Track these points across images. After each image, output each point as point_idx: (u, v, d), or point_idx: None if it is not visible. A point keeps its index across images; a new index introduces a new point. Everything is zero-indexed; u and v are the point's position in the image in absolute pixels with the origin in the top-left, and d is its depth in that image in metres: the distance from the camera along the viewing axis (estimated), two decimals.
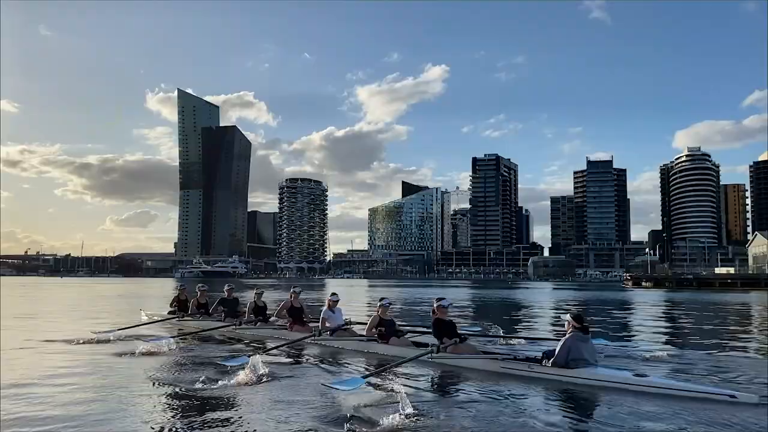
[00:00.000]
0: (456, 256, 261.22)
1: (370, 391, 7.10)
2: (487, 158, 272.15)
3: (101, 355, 10.04)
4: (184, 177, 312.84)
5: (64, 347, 11.07)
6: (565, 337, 7.67)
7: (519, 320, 20.72)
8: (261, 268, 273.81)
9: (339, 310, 11.52)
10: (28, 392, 7.04)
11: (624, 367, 8.25)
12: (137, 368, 8.72)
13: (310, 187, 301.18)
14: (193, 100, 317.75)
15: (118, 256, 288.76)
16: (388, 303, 10.47)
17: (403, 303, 31.52)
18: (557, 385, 7.30)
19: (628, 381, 7.02)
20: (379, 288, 66.39)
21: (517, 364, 8.03)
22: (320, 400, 6.61)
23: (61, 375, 8.24)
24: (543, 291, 62.04)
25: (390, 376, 8.04)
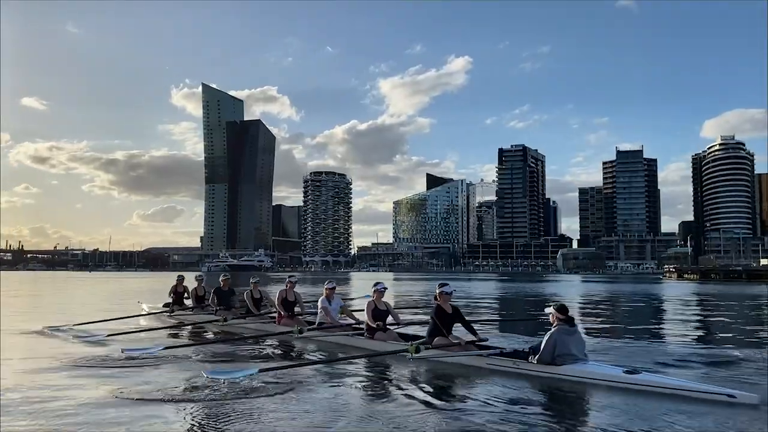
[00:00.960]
0: (483, 248, 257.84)
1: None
2: (513, 149, 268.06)
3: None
4: (209, 171, 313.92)
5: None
6: (550, 331, 7.19)
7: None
8: (286, 262, 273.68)
9: (337, 299, 11.16)
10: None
11: (616, 362, 7.79)
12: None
13: (335, 180, 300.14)
14: (217, 94, 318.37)
15: (145, 251, 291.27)
16: (383, 288, 9.73)
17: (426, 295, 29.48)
18: (543, 382, 6.88)
19: (619, 378, 6.59)
20: (405, 281, 64.31)
21: (503, 360, 7.61)
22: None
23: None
24: (574, 284, 59.31)
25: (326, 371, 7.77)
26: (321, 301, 10.95)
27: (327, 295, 10.96)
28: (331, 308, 10.87)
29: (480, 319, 14.27)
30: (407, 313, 14.32)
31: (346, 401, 6.28)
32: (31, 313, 19.21)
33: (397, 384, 7.24)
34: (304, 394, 6.51)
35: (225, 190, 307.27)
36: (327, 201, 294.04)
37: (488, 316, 17.96)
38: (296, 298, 12.01)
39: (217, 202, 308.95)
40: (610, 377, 6.67)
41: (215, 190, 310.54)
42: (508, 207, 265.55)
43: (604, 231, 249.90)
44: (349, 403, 6.21)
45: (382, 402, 6.30)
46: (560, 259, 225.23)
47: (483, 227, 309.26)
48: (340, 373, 7.81)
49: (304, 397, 6.40)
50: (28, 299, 29.04)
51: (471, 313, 15.25)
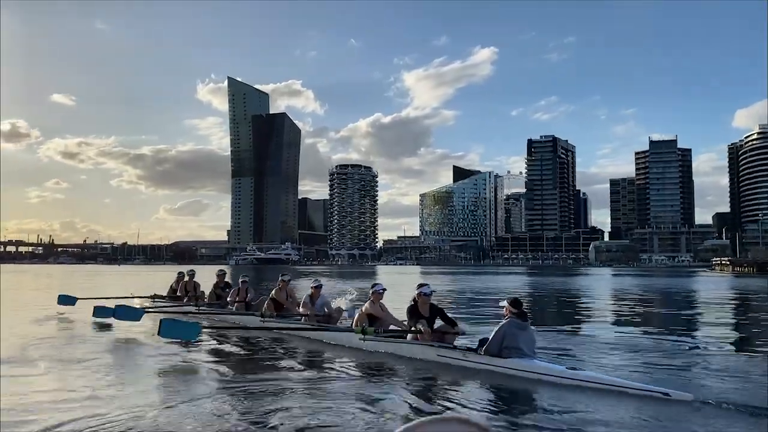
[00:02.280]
0: (512, 241, 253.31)
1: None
2: (543, 140, 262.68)
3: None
4: (235, 165, 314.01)
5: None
6: (501, 324, 7.16)
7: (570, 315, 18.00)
8: (312, 255, 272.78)
9: (323, 298, 10.82)
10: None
11: (562, 359, 7.98)
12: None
13: (361, 173, 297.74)
14: (243, 87, 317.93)
15: (173, 244, 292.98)
16: (382, 289, 9.18)
17: (458, 293, 27.17)
18: (488, 376, 6.92)
19: (561, 374, 6.63)
20: (434, 275, 61.44)
21: (453, 352, 7.59)
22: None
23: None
24: (613, 279, 56.16)
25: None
26: (305, 298, 10.74)
27: (312, 294, 10.64)
28: (314, 308, 10.55)
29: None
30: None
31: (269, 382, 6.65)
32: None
33: (330, 368, 7.34)
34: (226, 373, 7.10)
35: (251, 183, 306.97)
36: (353, 194, 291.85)
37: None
38: (288, 297, 11.79)
39: (243, 196, 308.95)
40: (552, 372, 6.65)
41: (241, 183, 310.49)
42: (538, 199, 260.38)
43: (636, 223, 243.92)
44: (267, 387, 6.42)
45: (303, 385, 6.61)
46: (592, 251, 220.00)
47: (511, 220, 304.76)
48: (279, 350, 8.14)
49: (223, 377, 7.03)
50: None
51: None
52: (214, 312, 12.99)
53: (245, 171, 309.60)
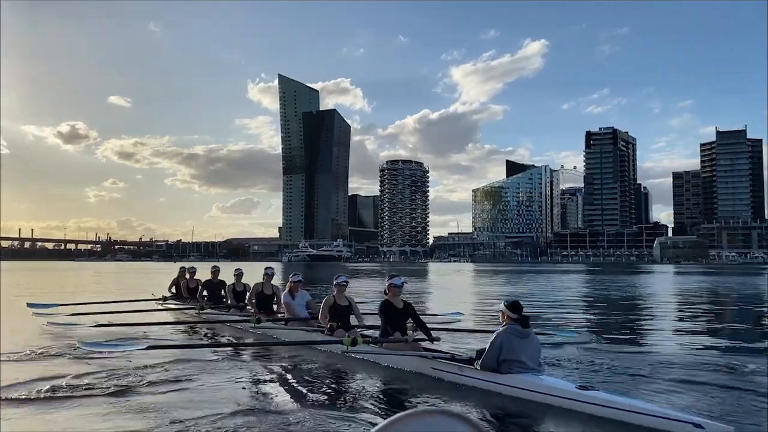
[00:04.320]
0: (570, 237, 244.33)
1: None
2: (602, 132, 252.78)
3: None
4: (286, 162, 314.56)
5: None
6: (497, 332, 6.17)
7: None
8: (363, 252, 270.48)
9: (303, 294, 10.26)
10: None
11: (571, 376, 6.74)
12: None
13: (411, 168, 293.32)
14: (293, 85, 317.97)
15: (226, 241, 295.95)
16: (345, 281, 8.70)
17: (532, 297, 22.83)
18: (484, 394, 6.02)
19: (569, 394, 5.61)
20: (499, 275, 56.76)
21: (448, 365, 6.70)
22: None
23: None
24: (682, 277, 50.21)
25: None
26: (283, 296, 10.20)
27: (290, 289, 10.10)
28: (294, 303, 9.97)
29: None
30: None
31: (240, 395, 6.07)
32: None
33: (308, 379, 6.84)
34: (196, 382, 6.37)
35: (302, 180, 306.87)
36: (404, 190, 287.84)
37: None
38: (274, 292, 11.20)
39: (294, 193, 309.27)
40: (559, 392, 5.65)
41: (292, 180, 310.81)
42: (597, 193, 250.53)
43: (702, 218, 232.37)
44: (241, 398, 5.90)
45: (280, 400, 6.00)
46: (657, 248, 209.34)
47: (567, 215, 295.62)
48: (247, 361, 7.41)
49: (192, 385, 6.29)
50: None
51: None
52: (216, 319, 11.93)
53: (296, 168, 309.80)
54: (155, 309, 13.47)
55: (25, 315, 12.43)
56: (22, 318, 12.43)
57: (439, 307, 14.39)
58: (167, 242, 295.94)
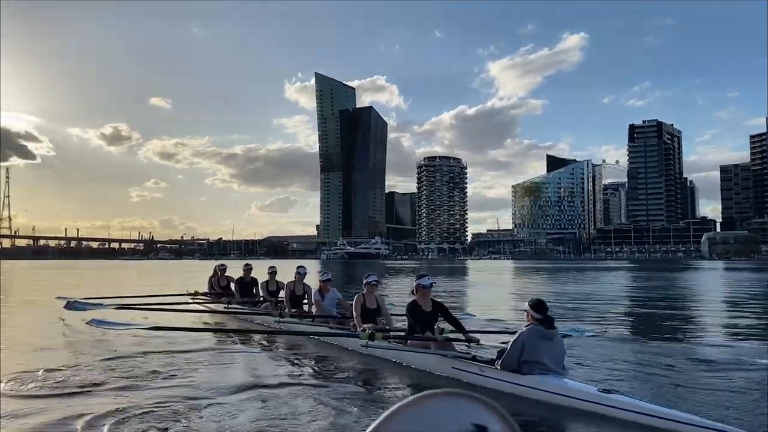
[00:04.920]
0: (614, 234, 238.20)
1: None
2: (646, 125, 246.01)
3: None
4: (323, 160, 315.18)
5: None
6: (519, 332, 5.98)
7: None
8: (401, 250, 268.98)
9: (334, 293, 10.19)
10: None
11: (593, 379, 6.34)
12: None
13: (449, 164, 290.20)
14: (330, 83, 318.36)
15: (265, 239, 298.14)
16: (375, 280, 8.57)
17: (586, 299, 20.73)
18: (505, 395, 5.74)
19: (590, 397, 5.41)
20: (530, 272, 54.58)
21: (468, 365, 6.53)
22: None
23: None
24: (734, 274, 47.25)
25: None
26: (313, 295, 10.26)
27: (320, 288, 10.14)
28: (324, 302, 9.97)
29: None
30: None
31: (244, 383, 6.12)
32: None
33: (323, 374, 6.87)
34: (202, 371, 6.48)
35: (339, 178, 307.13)
36: (441, 186, 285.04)
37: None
38: (305, 290, 11.06)
39: (332, 191, 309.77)
40: (580, 394, 5.48)
41: (330, 178, 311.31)
42: (641, 188, 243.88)
43: (752, 212, 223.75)
44: (247, 388, 5.97)
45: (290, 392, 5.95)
46: (705, 243, 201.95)
47: (610, 211, 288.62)
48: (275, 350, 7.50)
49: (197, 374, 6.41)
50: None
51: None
52: (240, 312, 12.13)
53: (333, 166, 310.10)
54: (183, 303, 13.49)
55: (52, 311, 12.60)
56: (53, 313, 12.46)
57: (475, 310, 13.44)
58: (208, 241, 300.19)
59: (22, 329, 11.51)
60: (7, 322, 12.08)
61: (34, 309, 15.62)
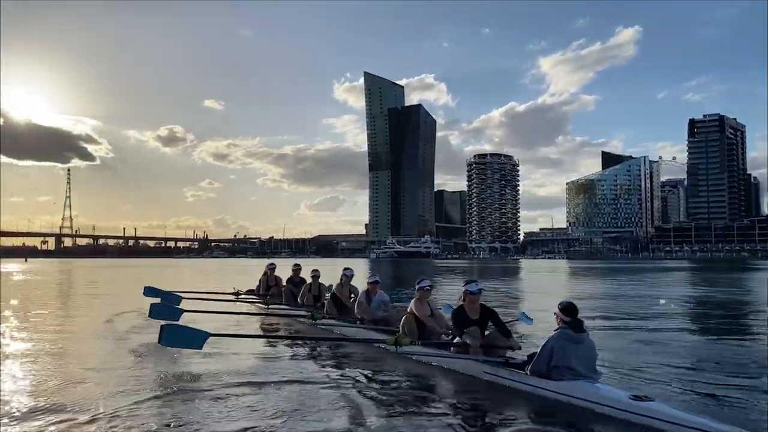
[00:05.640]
0: (673, 232, 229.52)
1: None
2: (708, 119, 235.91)
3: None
4: (372, 159, 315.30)
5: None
6: (549, 337, 5.88)
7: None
8: (450, 249, 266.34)
9: (380, 295, 9.79)
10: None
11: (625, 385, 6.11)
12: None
13: (500, 162, 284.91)
14: (379, 81, 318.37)
15: (315, 238, 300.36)
16: (429, 285, 8.28)
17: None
18: (536, 401, 5.69)
19: (622, 405, 5.17)
20: (588, 272, 51.58)
21: (500, 370, 6.42)
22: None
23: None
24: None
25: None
26: (359, 297, 9.87)
27: (368, 290, 9.79)
28: (370, 306, 9.63)
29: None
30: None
31: (289, 390, 6.06)
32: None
33: (351, 375, 6.83)
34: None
35: (388, 177, 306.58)
36: (493, 184, 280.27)
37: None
38: (352, 292, 10.75)
39: (380, 190, 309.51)
40: (611, 402, 5.26)
41: (378, 177, 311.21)
42: (702, 185, 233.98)
43: None
44: (286, 394, 5.88)
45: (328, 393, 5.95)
46: None
47: (668, 208, 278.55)
48: (303, 354, 7.38)
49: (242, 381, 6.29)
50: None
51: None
52: (281, 313, 11.98)
53: (382, 165, 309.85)
54: (227, 300, 14.05)
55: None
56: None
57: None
58: (260, 239, 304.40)
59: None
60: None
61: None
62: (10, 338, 9.88)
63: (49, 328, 11.46)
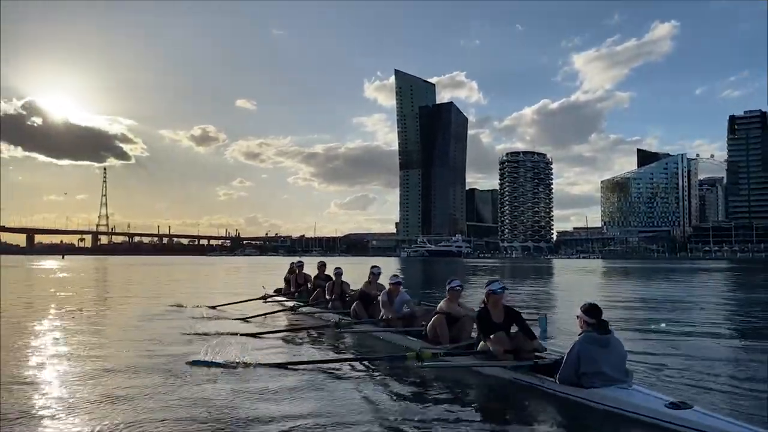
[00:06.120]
0: (712, 232, 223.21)
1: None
2: (749, 115, 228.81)
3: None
4: (403, 157, 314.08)
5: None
6: (574, 341, 5.62)
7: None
8: (482, 248, 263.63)
9: (402, 295, 9.90)
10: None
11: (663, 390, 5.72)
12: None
13: (533, 160, 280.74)
14: (409, 79, 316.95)
15: (345, 237, 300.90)
16: (459, 286, 8.22)
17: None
18: (564, 407, 5.44)
19: (658, 414, 4.88)
20: (628, 273, 49.51)
21: (528, 376, 6.19)
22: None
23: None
24: None
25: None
26: (381, 296, 9.94)
27: (391, 290, 9.87)
28: (392, 306, 9.72)
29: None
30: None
31: (329, 408, 5.57)
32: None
33: (382, 381, 6.68)
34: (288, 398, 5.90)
35: (419, 175, 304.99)
36: (525, 183, 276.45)
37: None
38: (379, 290, 10.56)
39: (411, 188, 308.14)
40: (645, 411, 4.96)
41: (409, 175, 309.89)
42: (743, 183, 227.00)
43: None
44: (328, 410, 5.46)
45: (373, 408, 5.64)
46: None
47: (705, 207, 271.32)
48: (335, 374, 6.99)
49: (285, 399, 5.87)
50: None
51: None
52: (306, 326, 11.42)
53: (413, 163, 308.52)
54: (256, 298, 14.91)
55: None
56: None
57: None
58: (291, 238, 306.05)
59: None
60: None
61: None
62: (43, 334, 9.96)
63: (76, 327, 11.34)
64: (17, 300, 17.64)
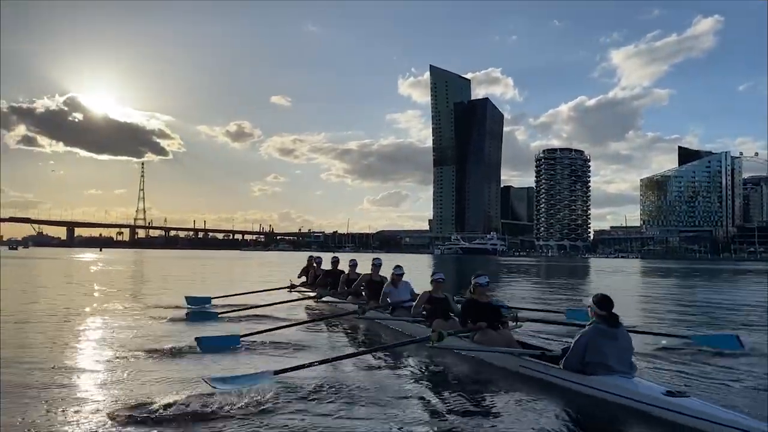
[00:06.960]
0: (757, 232, 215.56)
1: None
2: None
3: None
4: (437, 153, 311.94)
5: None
6: (582, 331, 5.86)
7: None
8: (517, 246, 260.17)
9: (405, 285, 10.63)
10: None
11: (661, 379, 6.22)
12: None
13: (571, 157, 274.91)
14: (444, 75, 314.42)
15: (378, 233, 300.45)
16: (441, 279, 8.88)
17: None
18: (568, 395, 5.66)
19: (656, 401, 5.06)
20: (675, 275, 47.24)
21: (535, 363, 6.43)
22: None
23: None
24: None
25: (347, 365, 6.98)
26: (385, 286, 10.73)
27: (392, 280, 10.61)
28: (395, 293, 10.45)
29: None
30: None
31: (348, 399, 5.57)
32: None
33: (395, 368, 7.02)
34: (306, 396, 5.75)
35: (453, 172, 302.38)
36: (562, 180, 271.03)
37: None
38: (382, 280, 11.53)
39: (445, 185, 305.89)
40: (644, 397, 5.16)
41: (443, 172, 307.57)
42: None
43: None
44: (352, 401, 5.48)
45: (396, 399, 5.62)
46: None
47: (750, 207, 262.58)
48: (356, 366, 7.01)
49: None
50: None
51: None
52: (331, 314, 12.02)
53: (447, 160, 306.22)
54: (281, 290, 15.44)
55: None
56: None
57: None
58: (324, 233, 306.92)
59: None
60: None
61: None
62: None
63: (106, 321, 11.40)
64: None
